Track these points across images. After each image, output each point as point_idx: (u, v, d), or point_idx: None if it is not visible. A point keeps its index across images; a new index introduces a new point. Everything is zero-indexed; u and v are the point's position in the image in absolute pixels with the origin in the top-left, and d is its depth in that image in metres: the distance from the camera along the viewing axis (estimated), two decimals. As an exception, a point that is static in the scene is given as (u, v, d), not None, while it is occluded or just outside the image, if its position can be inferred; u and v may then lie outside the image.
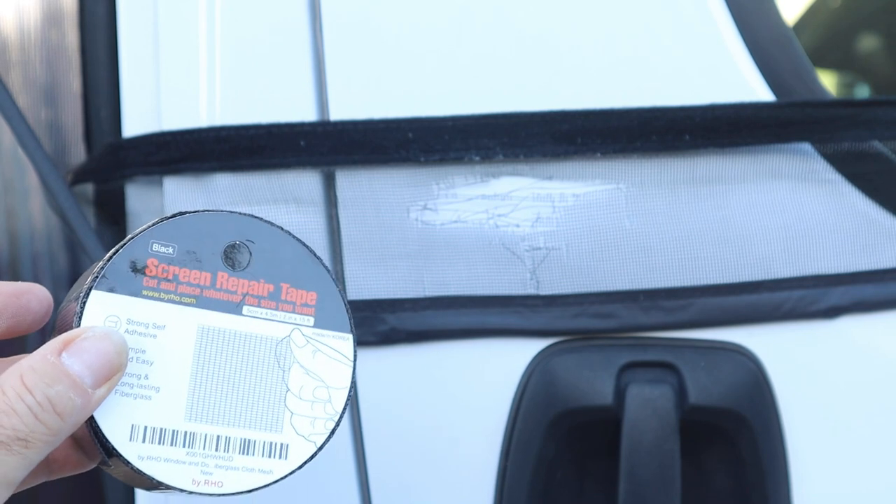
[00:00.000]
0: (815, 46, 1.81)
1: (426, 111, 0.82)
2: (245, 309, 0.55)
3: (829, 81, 1.82)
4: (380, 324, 0.84)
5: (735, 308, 0.85)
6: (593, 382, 0.84)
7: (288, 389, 0.56)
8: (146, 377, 0.53)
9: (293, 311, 0.56)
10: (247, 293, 0.55)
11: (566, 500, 0.89)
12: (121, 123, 0.89)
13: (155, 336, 0.54)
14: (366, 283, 0.84)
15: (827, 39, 1.84)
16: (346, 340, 0.57)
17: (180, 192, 0.84)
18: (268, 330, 0.56)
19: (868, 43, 1.86)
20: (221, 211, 0.56)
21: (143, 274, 0.54)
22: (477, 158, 0.82)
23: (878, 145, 0.85)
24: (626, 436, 0.84)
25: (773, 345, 0.86)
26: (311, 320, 0.56)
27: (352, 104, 0.83)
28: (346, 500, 0.86)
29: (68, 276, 1.14)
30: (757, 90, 0.84)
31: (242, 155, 0.82)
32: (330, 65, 0.83)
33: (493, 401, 0.86)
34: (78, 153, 1.01)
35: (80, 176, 0.91)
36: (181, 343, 0.54)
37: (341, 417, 0.56)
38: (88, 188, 0.93)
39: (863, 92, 1.85)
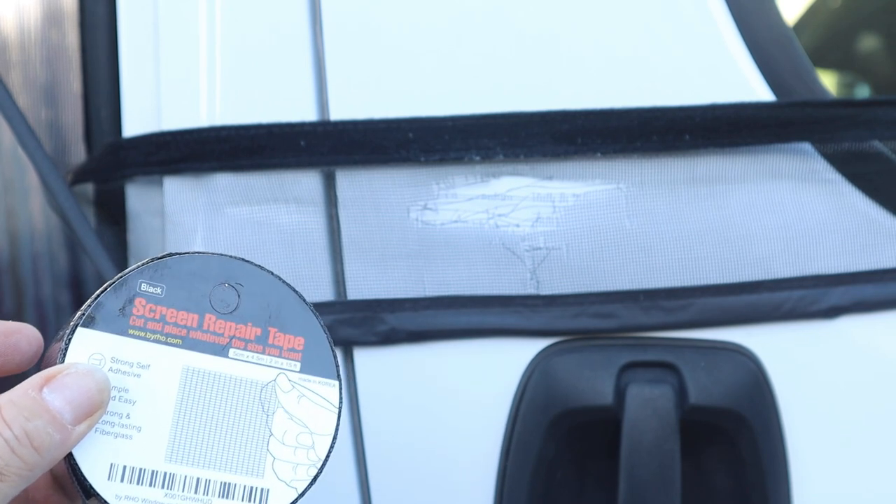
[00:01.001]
0: (815, 46, 1.81)
1: (426, 111, 0.82)
2: (231, 352, 0.55)
3: (829, 81, 1.82)
4: (380, 324, 0.84)
5: (735, 308, 0.85)
6: (593, 382, 0.84)
7: (271, 434, 0.55)
8: (128, 416, 0.53)
9: (280, 356, 0.56)
10: (234, 336, 0.55)
11: (566, 500, 0.89)
12: (121, 123, 0.89)
13: (139, 375, 0.53)
14: (366, 283, 0.84)
15: (827, 39, 1.84)
16: (332, 387, 0.57)
17: (180, 192, 0.84)
18: (253, 374, 0.55)
19: (868, 43, 1.86)
20: (212, 253, 0.56)
21: (130, 313, 0.54)
22: (477, 158, 0.82)
23: (878, 145, 0.85)
24: (626, 436, 0.84)
25: (773, 345, 0.86)
26: (298, 365, 0.56)
27: (352, 104, 0.83)
28: (346, 499, 0.86)
29: (68, 276, 1.14)
30: (757, 90, 0.84)
31: (243, 155, 0.82)
32: (330, 65, 0.83)
33: (492, 401, 0.86)
34: (78, 153, 1.01)
35: (80, 176, 0.91)
36: (165, 383, 0.54)
37: (324, 464, 0.56)
38: (88, 188, 0.93)
39: (863, 92, 1.85)
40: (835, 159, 0.84)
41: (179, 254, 0.55)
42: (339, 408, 0.57)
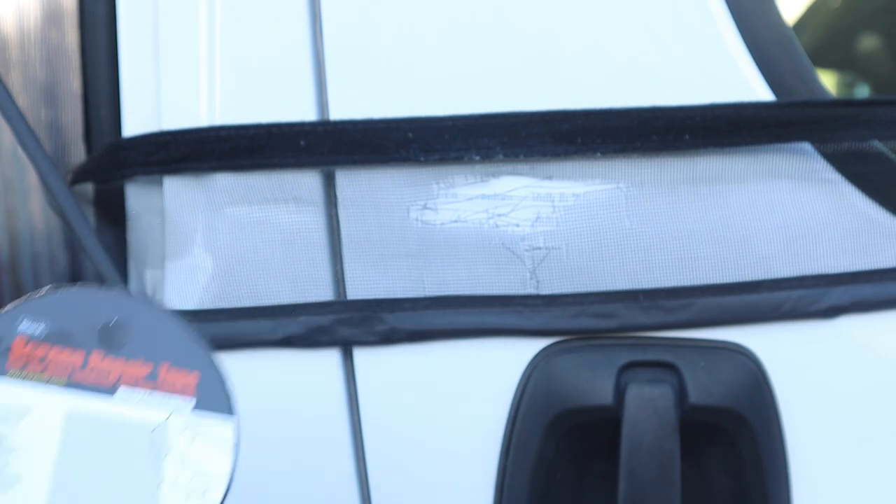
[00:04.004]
0: (815, 46, 1.81)
1: (426, 111, 0.82)
2: (120, 392, 0.53)
3: (829, 81, 1.82)
4: (380, 324, 0.84)
5: (735, 308, 0.85)
6: (593, 382, 0.84)
7: (163, 479, 0.52)
8: (6, 465, 0.50)
9: (172, 393, 0.53)
10: (122, 374, 0.53)
11: (566, 500, 0.89)
12: (121, 123, 0.89)
13: (18, 421, 0.51)
14: (366, 283, 0.84)
15: (827, 39, 1.84)
16: (228, 423, 0.54)
17: (180, 192, 0.84)
18: (143, 415, 0.53)
19: (868, 43, 1.86)
20: (98, 288, 0.53)
21: (8, 354, 0.51)
22: (477, 158, 0.82)
23: (878, 145, 0.85)
24: (626, 436, 0.84)
25: (773, 345, 0.86)
26: (192, 402, 0.54)
27: (352, 104, 0.83)
28: (346, 499, 0.86)
29: (68, 276, 1.14)
30: (757, 90, 0.84)
31: (242, 155, 0.82)
32: (330, 65, 0.83)
33: (493, 401, 0.86)
34: (78, 153, 1.01)
35: (80, 176, 0.91)
36: (46, 429, 0.51)
37: None
38: (88, 188, 0.93)
39: (863, 92, 1.85)
40: (835, 159, 0.84)
41: (62, 288, 0.53)
42: (237, 444, 0.54)
